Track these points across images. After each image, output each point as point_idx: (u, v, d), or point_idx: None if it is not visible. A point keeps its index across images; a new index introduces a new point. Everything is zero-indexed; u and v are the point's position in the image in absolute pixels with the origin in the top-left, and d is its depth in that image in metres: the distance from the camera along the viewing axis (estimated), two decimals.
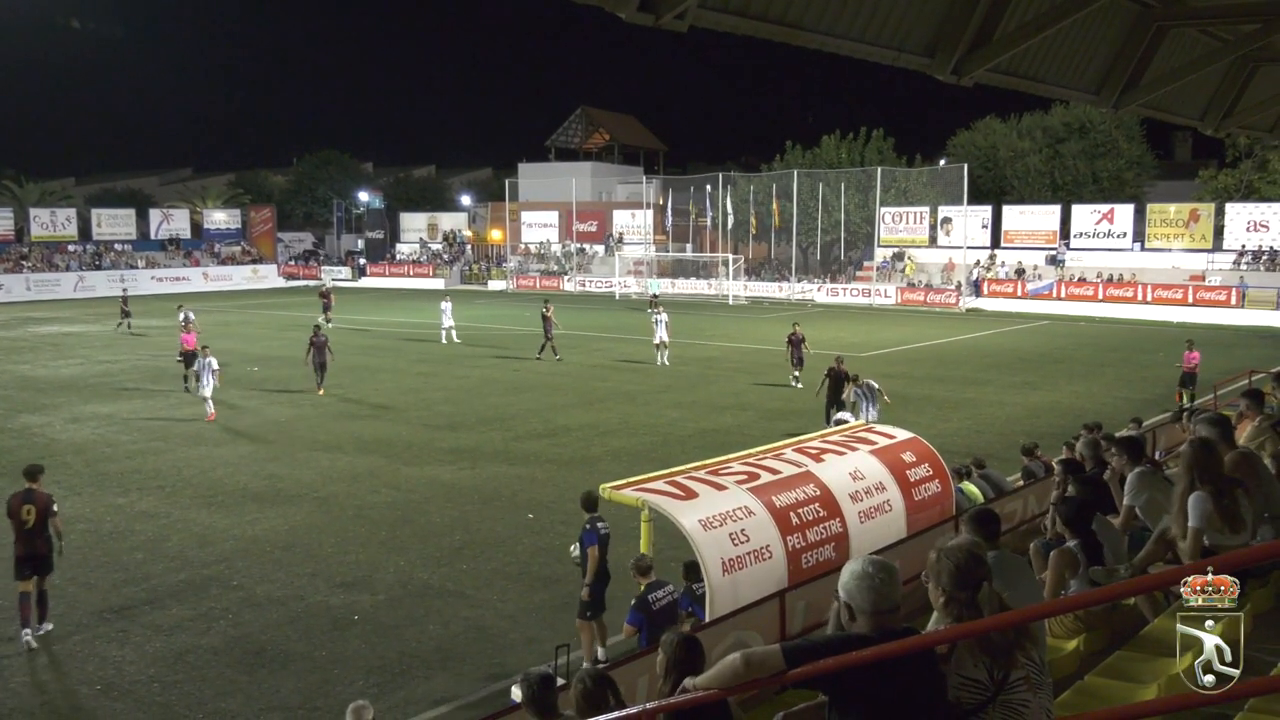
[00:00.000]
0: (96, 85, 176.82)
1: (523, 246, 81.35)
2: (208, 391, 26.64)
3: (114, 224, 78.45)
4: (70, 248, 74.40)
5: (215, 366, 26.72)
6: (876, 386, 23.24)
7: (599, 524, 12.23)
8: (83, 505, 18.45)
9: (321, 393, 29.64)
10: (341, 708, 11.14)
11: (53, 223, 75.36)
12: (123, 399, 29.34)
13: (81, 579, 15.18)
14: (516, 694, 10.95)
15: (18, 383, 32.61)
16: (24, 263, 70.31)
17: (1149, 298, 55.77)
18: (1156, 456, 12.44)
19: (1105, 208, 62.87)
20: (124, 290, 52.68)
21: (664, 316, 36.02)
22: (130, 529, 17.58)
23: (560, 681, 6.77)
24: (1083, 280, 59.07)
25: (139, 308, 56.72)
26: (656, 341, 35.42)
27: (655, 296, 59.10)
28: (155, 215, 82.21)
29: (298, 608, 14.15)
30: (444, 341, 41.73)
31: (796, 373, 30.99)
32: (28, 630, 12.89)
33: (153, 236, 79.77)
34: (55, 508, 13.42)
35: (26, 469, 13.75)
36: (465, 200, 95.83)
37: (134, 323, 46.86)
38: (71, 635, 13.38)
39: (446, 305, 43.06)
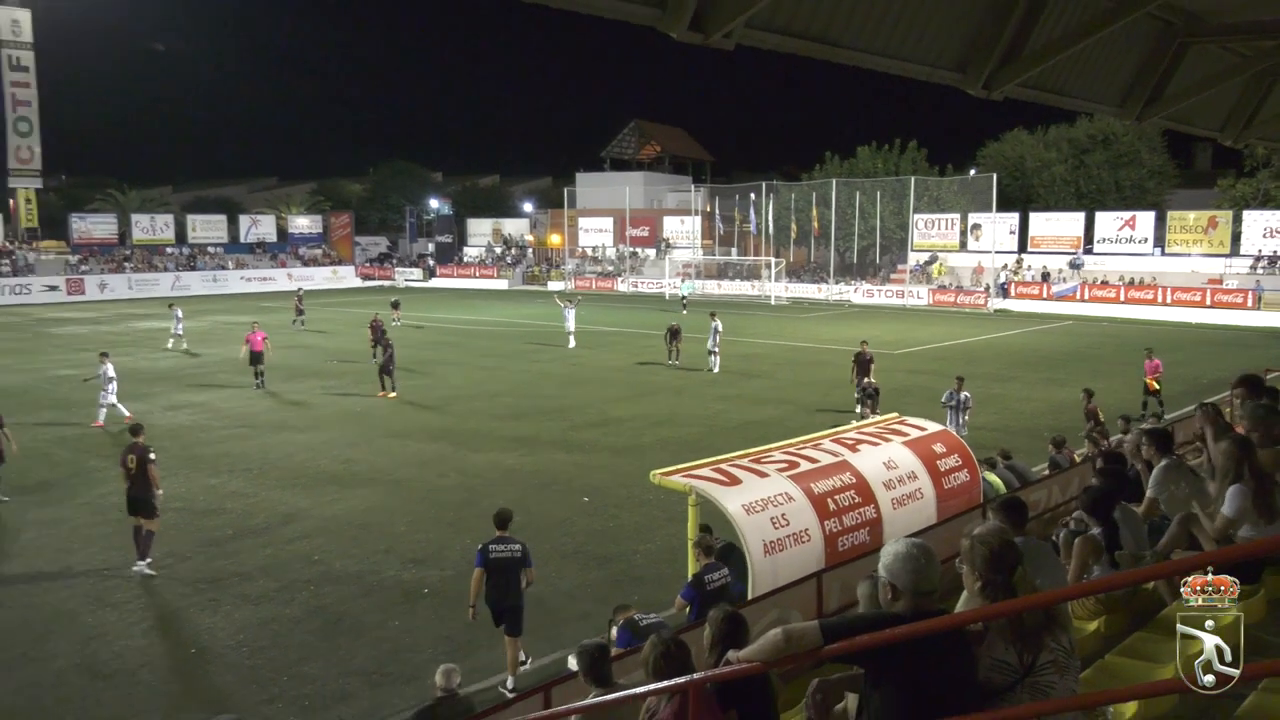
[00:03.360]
0: (192, 102, 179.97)
1: (580, 250, 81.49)
2: (108, 399, 24.61)
3: (207, 229, 79.54)
4: (168, 250, 75.56)
5: (111, 375, 24.74)
6: (971, 404, 21.74)
7: (502, 544, 11.42)
8: (178, 485, 18.71)
9: (394, 395, 28.43)
10: (411, 674, 11.29)
11: (152, 227, 76.65)
12: (213, 389, 29.77)
13: (178, 552, 15.44)
14: (573, 663, 11.01)
15: (121, 373, 33.05)
16: (126, 264, 71.57)
17: (1169, 300, 54.83)
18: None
19: (1127, 214, 61.89)
20: (300, 290, 53.48)
21: (717, 324, 33.53)
22: (221, 507, 17.85)
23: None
24: (1105, 283, 58.15)
25: (228, 305, 57.60)
26: (709, 348, 33.18)
27: (685, 298, 58.41)
28: (244, 221, 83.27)
29: (372, 581, 14.30)
30: (570, 346, 38.75)
31: (863, 397, 24.45)
32: (139, 563, 14.61)
33: (242, 240, 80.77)
34: (153, 456, 15.00)
35: (130, 426, 16.13)
36: (527, 207, 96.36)
37: (299, 319, 47.13)
38: (170, 603, 13.64)
39: (570, 311, 39.33)
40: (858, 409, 23.85)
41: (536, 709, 7.26)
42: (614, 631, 9.34)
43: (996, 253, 61.98)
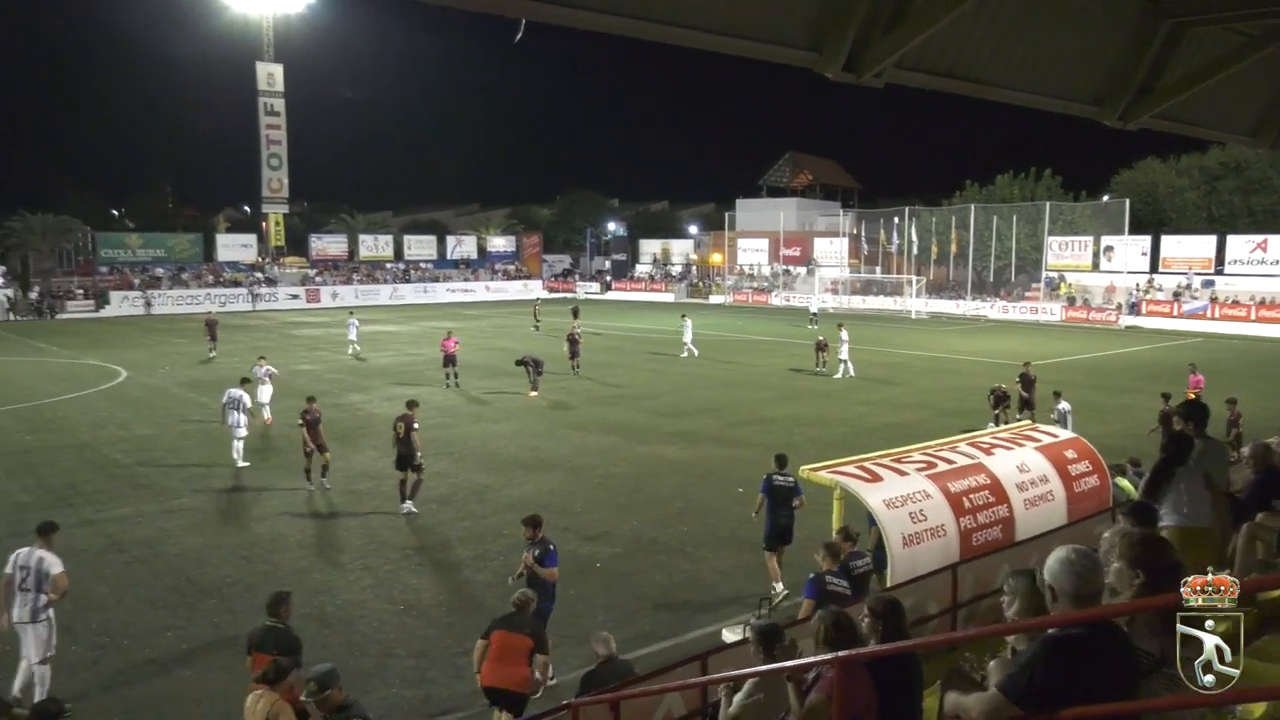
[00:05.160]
0: (412, 140, 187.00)
1: (738, 268, 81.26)
2: (262, 397, 23.55)
3: (420, 247, 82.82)
4: (387, 265, 79.14)
5: (274, 373, 24.74)
6: (1070, 414, 20.87)
7: (774, 477, 13.12)
8: (391, 466, 19.44)
9: (534, 395, 28.33)
10: (584, 635, 11.36)
11: (375, 246, 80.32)
12: (423, 384, 30.83)
13: (390, 524, 16.09)
14: (727, 635, 10.97)
15: (347, 369, 34.84)
16: (354, 275, 75.48)
17: None
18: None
19: (1260, 238, 57.51)
20: (537, 300, 55.47)
21: (844, 334, 33.19)
22: (427, 486, 18.36)
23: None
24: (1236, 302, 54.38)
25: (436, 313, 59.67)
26: (840, 357, 32.77)
27: (815, 315, 55.59)
28: (451, 240, 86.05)
29: None
30: (684, 355, 38.19)
31: (1019, 415, 22.92)
32: (406, 503, 16.66)
33: (448, 257, 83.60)
34: (415, 425, 16.92)
35: (408, 401, 17.93)
36: (692, 229, 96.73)
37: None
38: (383, 566, 14.20)
39: (688, 323, 38.92)
40: (999, 416, 22.91)
41: (694, 675, 7.25)
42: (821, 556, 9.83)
43: (1128, 273, 58.77)
